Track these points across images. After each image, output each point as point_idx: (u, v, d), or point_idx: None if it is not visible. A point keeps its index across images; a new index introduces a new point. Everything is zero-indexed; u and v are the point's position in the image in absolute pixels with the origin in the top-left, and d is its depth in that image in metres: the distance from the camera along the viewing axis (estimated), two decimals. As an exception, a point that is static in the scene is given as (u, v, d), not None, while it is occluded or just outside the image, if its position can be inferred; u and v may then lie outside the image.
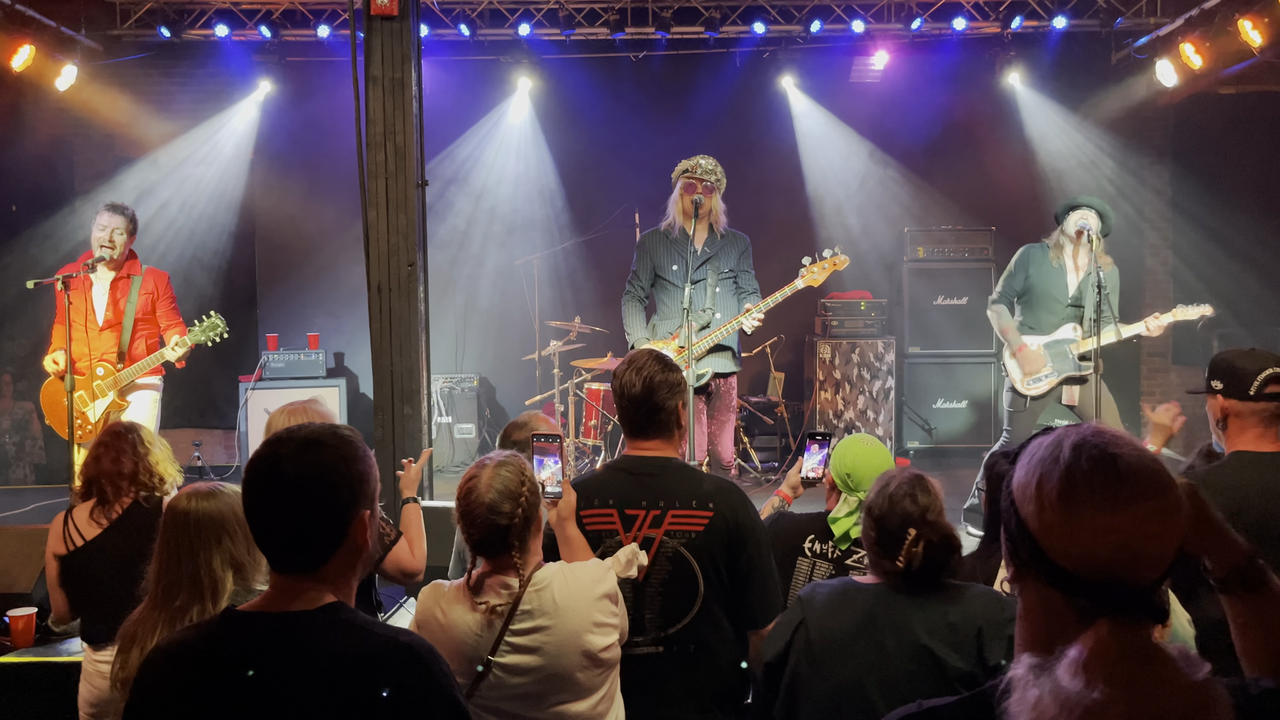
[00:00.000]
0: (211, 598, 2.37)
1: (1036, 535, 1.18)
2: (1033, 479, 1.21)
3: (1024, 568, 1.22)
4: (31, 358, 7.88)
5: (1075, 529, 1.15)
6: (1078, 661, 1.05)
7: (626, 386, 2.74)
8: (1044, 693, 1.05)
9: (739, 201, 5.56)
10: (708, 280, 5.23)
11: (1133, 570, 1.14)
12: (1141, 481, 1.16)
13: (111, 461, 3.30)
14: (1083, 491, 1.16)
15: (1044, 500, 1.18)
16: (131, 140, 8.18)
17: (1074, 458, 1.18)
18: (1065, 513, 1.16)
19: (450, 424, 7.94)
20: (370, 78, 5.04)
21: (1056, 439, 1.22)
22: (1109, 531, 1.14)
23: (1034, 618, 1.23)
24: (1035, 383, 5.48)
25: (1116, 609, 1.12)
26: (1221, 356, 2.99)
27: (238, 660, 1.58)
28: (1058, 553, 1.16)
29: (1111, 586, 1.13)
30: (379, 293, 5.05)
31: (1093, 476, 1.16)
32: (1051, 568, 1.17)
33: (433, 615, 2.35)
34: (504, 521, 2.28)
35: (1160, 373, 8.53)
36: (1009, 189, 8.12)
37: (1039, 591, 1.21)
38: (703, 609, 2.62)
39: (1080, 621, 1.11)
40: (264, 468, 1.65)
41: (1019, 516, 1.21)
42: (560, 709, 2.30)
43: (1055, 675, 1.05)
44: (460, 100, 8.28)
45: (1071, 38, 7.92)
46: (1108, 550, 1.14)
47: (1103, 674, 1.03)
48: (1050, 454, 1.21)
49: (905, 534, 2.24)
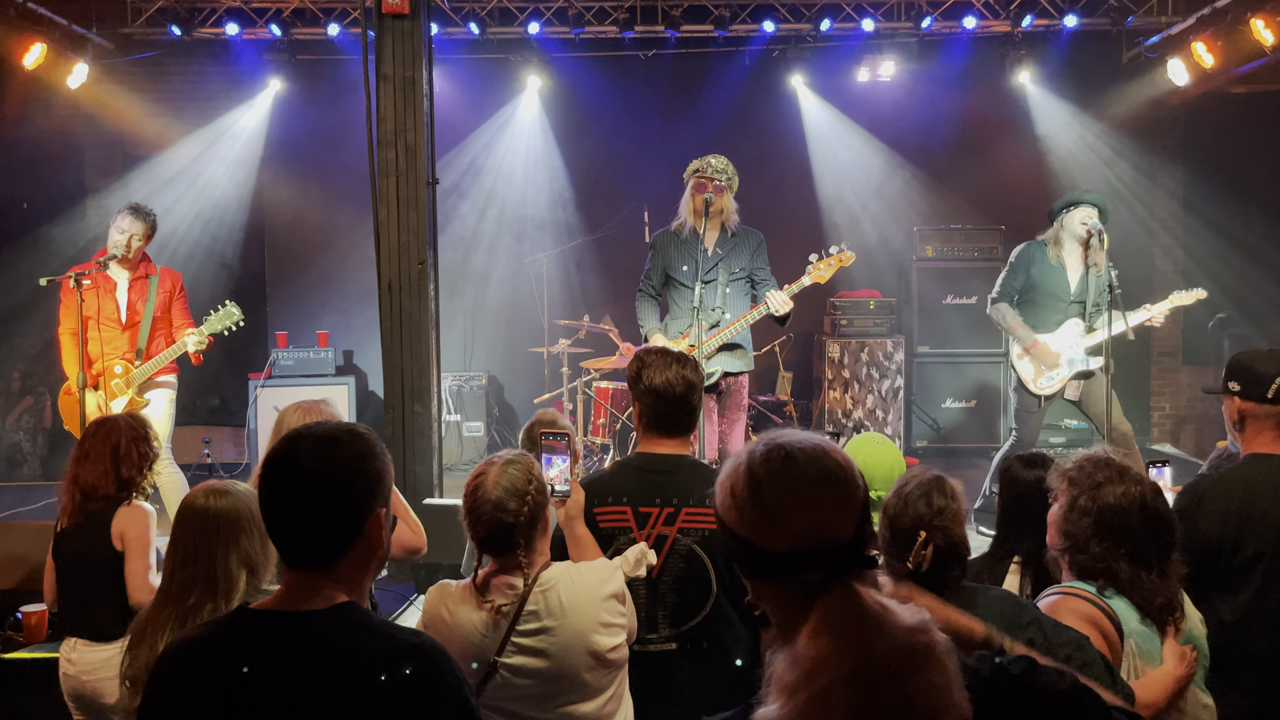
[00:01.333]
0: (225, 596, 2.37)
1: (746, 537, 1.31)
2: (725, 492, 1.35)
3: (754, 577, 1.34)
4: (43, 355, 7.91)
5: (771, 515, 1.29)
6: (809, 629, 1.16)
7: (670, 386, 2.70)
8: (781, 660, 1.15)
9: (748, 200, 5.55)
10: (719, 280, 5.23)
11: (830, 532, 1.27)
12: (806, 455, 1.31)
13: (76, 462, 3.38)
14: (763, 479, 1.31)
15: (738, 503, 1.32)
16: (142, 138, 8.21)
17: (750, 459, 1.34)
18: (757, 504, 1.30)
19: (459, 422, 7.95)
20: (381, 76, 5.05)
21: (734, 459, 1.37)
22: (795, 504, 1.28)
23: (779, 619, 1.33)
24: (1048, 381, 5.46)
25: (830, 571, 1.24)
26: (1239, 358, 2.98)
27: (251, 659, 1.58)
28: (767, 540, 1.29)
29: (825, 549, 1.26)
30: (389, 291, 5.06)
31: (768, 465, 1.31)
32: (768, 558, 1.29)
33: (439, 615, 2.35)
34: (510, 519, 2.27)
35: (1170, 372, 8.50)
36: (1019, 188, 8.09)
37: (774, 594, 1.32)
38: (716, 606, 2.63)
39: (810, 601, 1.22)
40: (282, 463, 1.65)
41: (728, 530, 1.34)
42: (568, 709, 2.30)
43: (792, 647, 1.16)
44: (470, 99, 8.29)
45: (1082, 36, 7.89)
46: (802, 520, 1.28)
47: (828, 631, 1.14)
48: (734, 463, 1.36)
49: (915, 536, 2.23)
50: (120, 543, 3.30)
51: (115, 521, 3.32)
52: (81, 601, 3.31)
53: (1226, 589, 2.75)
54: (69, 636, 3.32)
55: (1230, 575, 2.76)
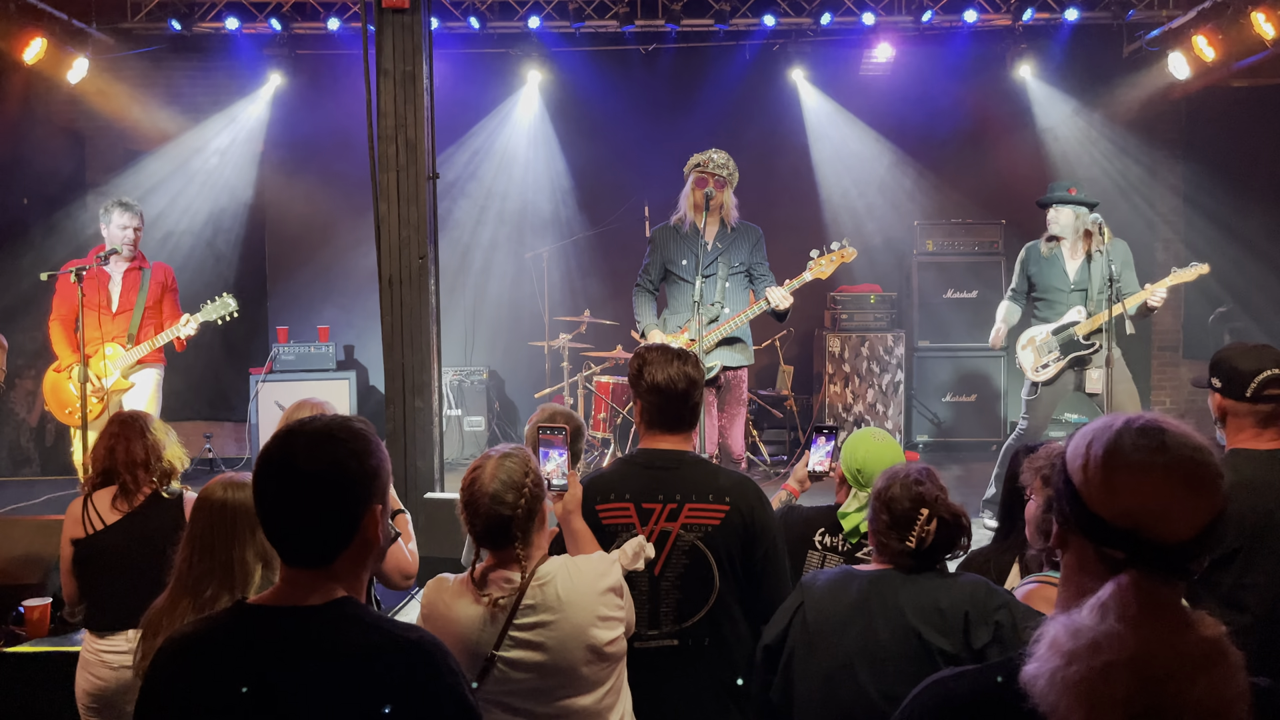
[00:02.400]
0: (241, 588, 2.37)
1: (1080, 489, 1.29)
2: (1083, 442, 1.33)
3: (1066, 523, 1.33)
4: (45, 350, 7.91)
5: (1114, 483, 1.26)
6: (1098, 600, 1.14)
7: (671, 383, 2.70)
8: (1060, 626, 1.14)
9: (748, 195, 5.56)
10: (719, 274, 5.24)
11: (1163, 527, 1.22)
12: (1182, 450, 1.26)
13: (125, 450, 3.32)
14: (1126, 450, 1.27)
15: (1090, 458, 1.29)
16: (142, 133, 8.21)
17: (1124, 426, 1.30)
18: (1106, 469, 1.27)
19: (460, 417, 7.95)
20: (382, 71, 5.05)
21: (1113, 416, 1.34)
22: (1144, 488, 1.24)
23: (1072, 576, 1.33)
24: (1043, 369, 5.53)
25: (1144, 561, 1.21)
26: (1223, 353, 2.99)
27: (250, 654, 1.58)
28: (1097, 504, 1.27)
29: (1141, 538, 1.22)
30: (390, 285, 5.07)
31: (1137, 440, 1.27)
32: (1089, 518, 1.27)
33: (437, 608, 2.36)
34: (507, 512, 2.28)
35: (1171, 367, 8.50)
36: (1019, 182, 8.07)
37: (1078, 548, 1.31)
38: (718, 603, 2.63)
39: (1109, 574, 1.21)
40: (277, 461, 1.64)
41: (1066, 474, 1.33)
42: (566, 703, 2.30)
43: (1075, 613, 1.14)
44: (470, 93, 8.28)
45: (1083, 30, 7.87)
46: (1141, 505, 1.23)
47: (1117, 612, 1.12)
48: (1105, 424, 1.33)
49: (918, 514, 2.31)
50: None
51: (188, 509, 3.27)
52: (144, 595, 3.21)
53: (1204, 583, 2.77)
54: (114, 631, 3.19)
55: (1210, 568, 2.77)
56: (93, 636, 3.23)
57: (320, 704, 1.54)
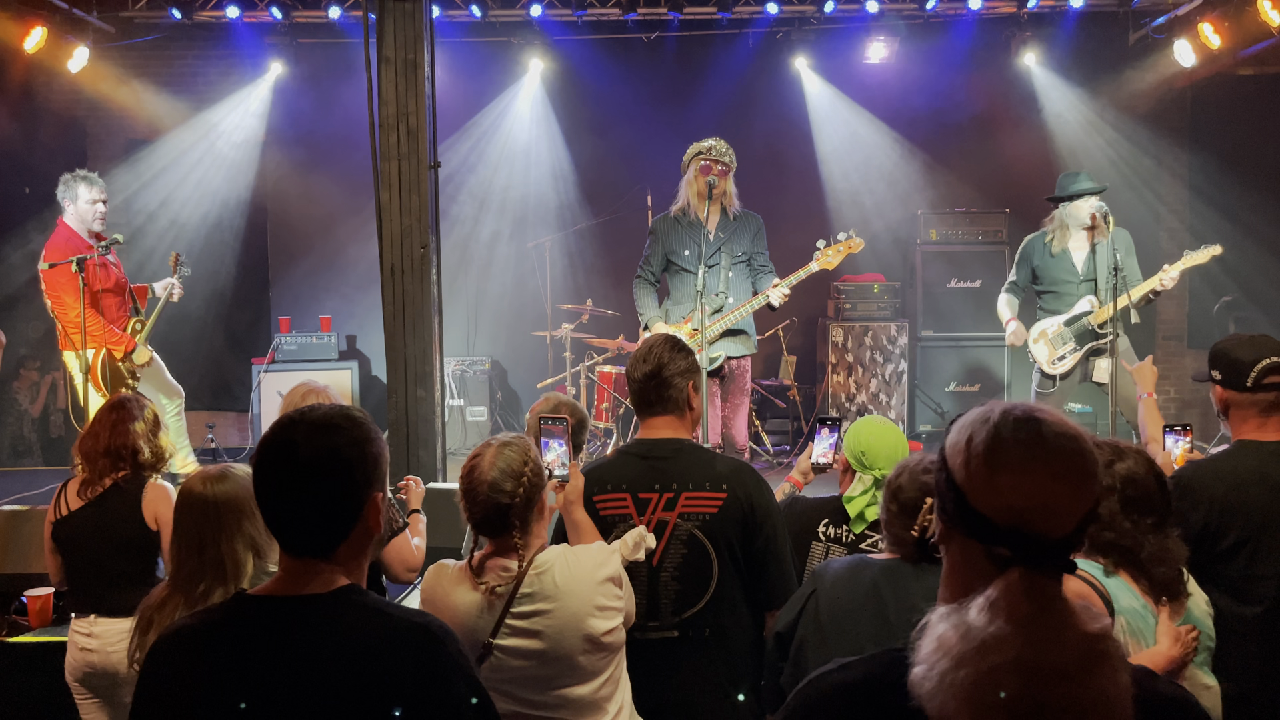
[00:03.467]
0: (234, 580, 2.38)
1: (961, 486, 1.27)
2: (963, 437, 1.30)
3: (949, 521, 1.31)
4: (46, 339, 7.91)
5: (997, 480, 1.24)
6: (986, 600, 1.13)
7: (637, 363, 2.75)
8: (948, 626, 1.13)
9: (752, 184, 5.54)
10: (721, 264, 5.22)
11: (1045, 522, 1.22)
12: (1059, 443, 1.25)
13: (92, 438, 3.36)
14: (1006, 446, 1.25)
15: (970, 454, 1.27)
16: (144, 122, 8.19)
17: (1001, 418, 1.28)
18: (988, 465, 1.25)
19: (462, 406, 7.95)
20: (383, 59, 5.02)
21: (990, 406, 1.32)
22: (1027, 484, 1.23)
23: (956, 573, 1.32)
24: (1059, 362, 5.46)
25: (1029, 558, 1.20)
26: (1221, 345, 2.97)
27: (253, 644, 1.57)
28: (980, 503, 1.25)
29: (1026, 536, 1.21)
30: (392, 275, 5.05)
31: (1017, 434, 1.26)
32: (973, 517, 1.25)
33: (436, 594, 2.36)
34: (505, 500, 2.28)
35: (1176, 356, 8.47)
36: (1024, 171, 8.04)
37: (961, 545, 1.30)
38: (718, 592, 2.62)
39: (996, 572, 1.19)
40: (277, 450, 1.63)
41: (948, 470, 1.31)
42: (563, 692, 2.30)
43: (963, 611, 1.13)
44: (472, 82, 8.25)
45: (1088, 18, 7.83)
46: (1025, 501, 1.22)
47: (1006, 612, 1.11)
48: (981, 416, 1.31)
49: (923, 503, 2.29)
50: (156, 523, 3.30)
51: (146, 502, 3.31)
52: (105, 582, 3.28)
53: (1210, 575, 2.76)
54: (84, 614, 3.28)
55: (1214, 561, 2.77)
56: (74, 618, 3.33)
57: (328, 691, 1.53)
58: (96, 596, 3.29)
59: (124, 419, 3.36)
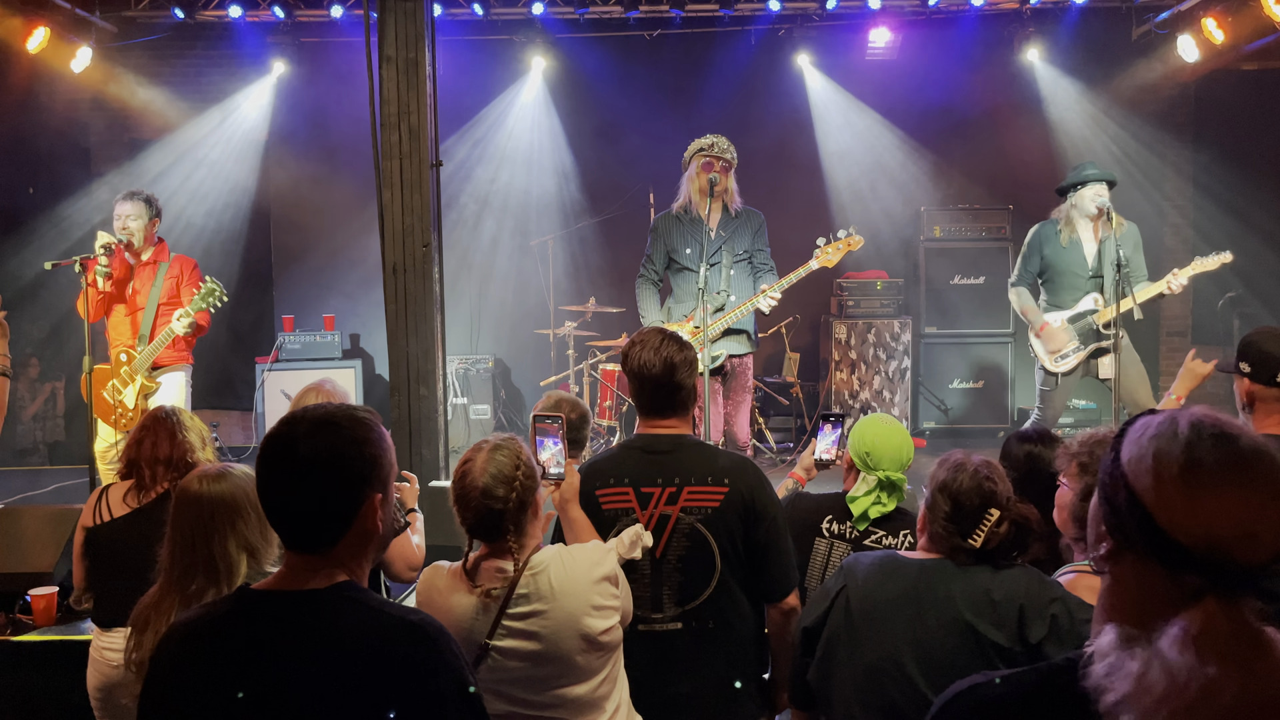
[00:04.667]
0: (227, 580, 2.37)
1: (1152, 509, 1.17)
2: (1148, 453, 1.19)
3: (1126, 542, 1.20)
4: (50, 339, 7.94)
5: (1196, 505, 1.14)
6: (1186, 636, 1.05)
7: (645, 367, 2.70)
8: (1149, 667, 1.04)
9: (755, 181, 5.54)
10: (723, 262, 5.22)
11: (1248, 550, 1.13)
12: (1264, 464, 1.16)
13: (151, 446, 3.28)
14: (1208, 468, 1.15)
15: (1163, 474, 1.17)
16: (146, 122, 8.20)
17: (1194, 434, 1.17)
18: (1187, 488, 1.15)
19: (466, 405, 7.95)
20: (384, 58, 5.02)
21: (1170, 417, 1.22)
22: (1232, 509, 1.13)
23: (1125, 593, 1.22)
24: (1063, 359, 5.43)
25: (1227, 587, 1.11)
26: (1252, 337, 2.95)
27: (255, 637, 1.60)
28: (1175, 527, 1.14)
29: (1226, 565, 1.12)
30: (394, 274, 5.05)
31: (1217, 453, 1.15)
32: (1165, 542, 1.15)
33: (432, 596, 2.36)
34: (498, 506, 2.27)
35: (1179, 352, 8.45)
36: (1027, 167, 8.04)
37: (1138, 566, 1.19)
38: (720, 584, 2.63)
39: (1180, 599, 1.11)
40: (278, 447, 1.66)
41: (1131, 490, 1.19)
42: (561, 692, 2.30)
43: (1159, 649, 1.05)
44: (474, 80, 8.25)
45: (1091, 13, 7.82)
46: (1228, 528, 1.12)
47: (1215, 651, 1.03)
48: (1167, 430, 1.20)
49: (987, 514, 2.25)
50: None
51: None
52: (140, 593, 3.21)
53: None
54: (111, 628, 3.16)
55: None
56: (98, 631, 3.23)
57: (323, 686, 1.55)
58: (128, 607, 3.23)
59: (179, 428, 3.30)
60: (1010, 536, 2.26)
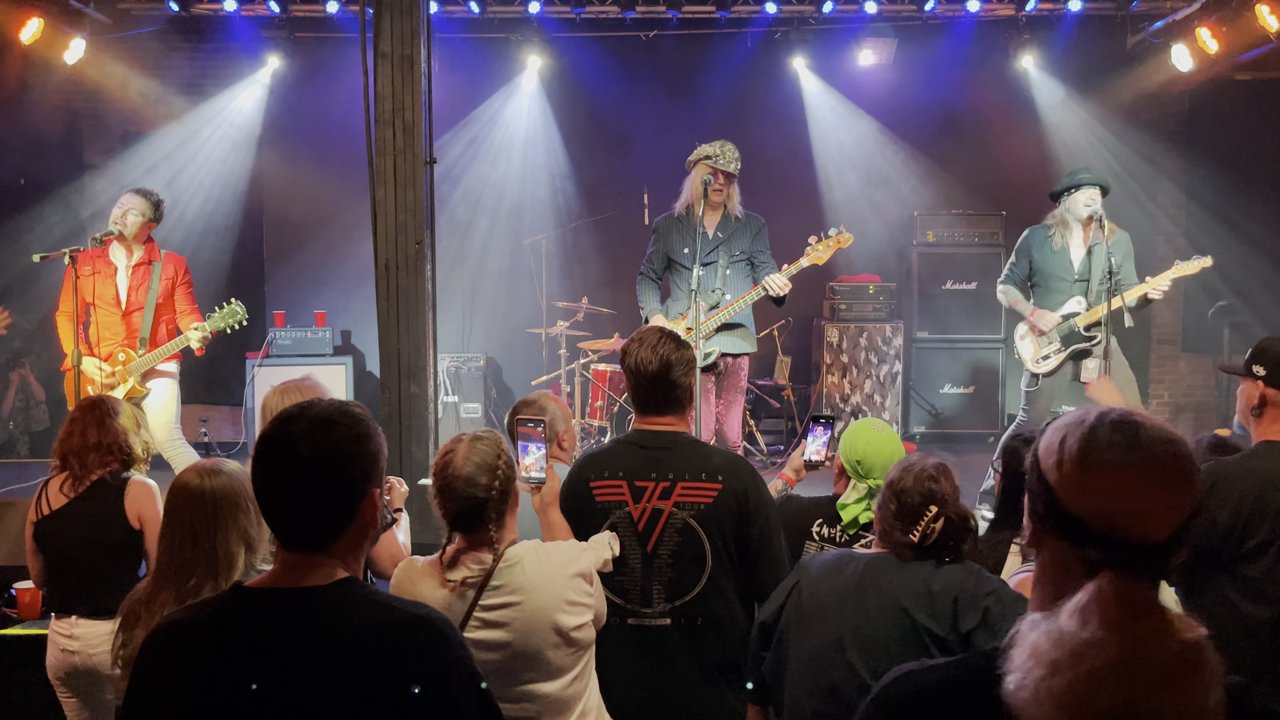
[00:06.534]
0: (225, 575, 2.37)
1: (1054, 487, 1.26)
2: (1057, 437, 1.29)
3: (1040, 522, 1.30)
4: (39, 332, 7.88)
5: (1088, 482, 1.23)
6: (1077, 604, 1.11)
7: (642, 364, 2.72)
8: (1040, 633, 1.11)
9: (749, 183, 5.55)
10: (719, 262, 5.25)
11: (1138, 527, 1.20)
12: (1157, 447, 1.23)
13: (80, 436, 3.34)
14: (1101, 448, 1.24)
15: (1064, 455, 1.26)
16: (140, 115, 8.16)
17: (1097, 421, 1.27)
18: (1081, 466, 1.24)
19: (456, 403, 7.93)
20: (379, 54, 5.01)
21: (1086, 409, 1.30)
22: (1120, 488, 1.21)
23: (1046, 576, 1.31)
24: (1043, 360, 5.50)
25: (1121, 562, 1.18)
26: (1267, 343, 2.97)
27: (253, 636, 1.57)
28: (1072, 504, 1.24)
29: (1117, 539, 1.20)
30: (386, 270, 5.04)
31: (1112, 436, 1.24)
32: (1064, 518, 1.24)
33: (403, 587, 2.36)
34: (481, 494, 2.27)
35: (1169, 360, 8.49)
36: (1020, 173, 8.05)
37: (1052, 547, 1.29)
38: (710, 581, 2.64)
39: (1088, 576, 1.17)
40: (276, 447, 1.65)
41: (1040, 471, 1.30)
42: (530, 688, 2.29)
43: (1055, 618, 1.11)
44: (469, 78, 8.24)
45: (1086, 21, 7.84)
46: (1116, 505, 1.21)
47: (1099, 617, 1.09)
48: (1077, 418, 1.30)
49: (926, 510, 2.32)
50: (139, 522, 3.29)
51: (129, 500, 3.30)
52: (87, 581, 3.26)
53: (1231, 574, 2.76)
54: (66, 615, 3.27)
55: (1237, 560, 2.76)
56: (54, 617, 3.32)
57: (331, 683, 1.53)
58: (78, 597, 3.27)
59: (108, 414, 3.35)
60: (946, 533, 2.33)
